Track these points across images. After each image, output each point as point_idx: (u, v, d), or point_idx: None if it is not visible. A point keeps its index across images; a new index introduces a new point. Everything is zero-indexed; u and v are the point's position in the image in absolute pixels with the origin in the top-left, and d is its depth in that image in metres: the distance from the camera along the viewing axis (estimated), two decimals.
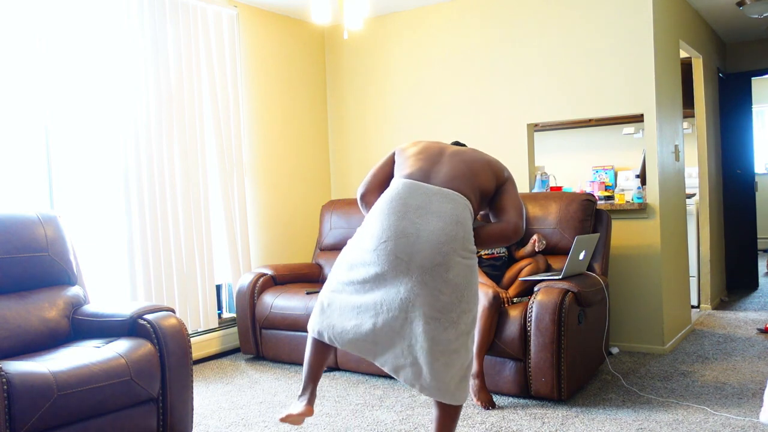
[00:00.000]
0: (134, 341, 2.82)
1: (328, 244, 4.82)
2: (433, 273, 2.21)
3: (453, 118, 4.97)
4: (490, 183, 2.44)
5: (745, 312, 5.41)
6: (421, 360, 2.23)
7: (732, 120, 6.29)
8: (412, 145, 2.54)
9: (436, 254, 2.21)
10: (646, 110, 4.28)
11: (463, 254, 2.26)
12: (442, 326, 2.23)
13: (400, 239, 2.23)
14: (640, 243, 4.30)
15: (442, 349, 2.23)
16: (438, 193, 2.30)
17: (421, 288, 2.21)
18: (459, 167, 2.39)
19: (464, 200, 2.31)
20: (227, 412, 3.39)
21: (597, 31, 4.39)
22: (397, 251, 2.22)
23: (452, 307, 2.24)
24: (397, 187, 2.35)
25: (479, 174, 2.41)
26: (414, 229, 2.23)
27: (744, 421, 3.00)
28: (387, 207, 2.30)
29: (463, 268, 2.26)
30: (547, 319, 3.28)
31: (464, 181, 2.36)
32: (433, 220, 2.25)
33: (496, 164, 2.50)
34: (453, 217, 2.26)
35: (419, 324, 2.22)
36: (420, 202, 2.28)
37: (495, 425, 3.09)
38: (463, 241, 2.26)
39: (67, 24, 3.71)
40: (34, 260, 3.01)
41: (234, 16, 4.68)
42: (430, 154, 2.45)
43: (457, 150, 2.50)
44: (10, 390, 2.31)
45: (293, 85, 5.26)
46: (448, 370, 2.26)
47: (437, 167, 2.40)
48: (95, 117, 3.84)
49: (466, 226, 2.28)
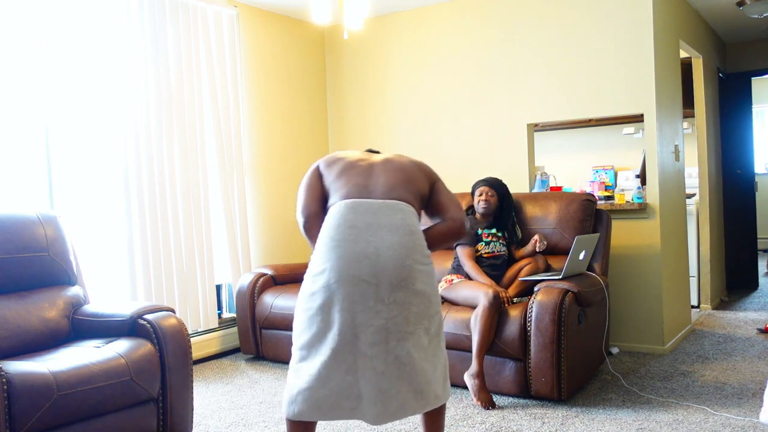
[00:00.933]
0: (134, 341, 2.82)
1: None
2: (402, 288, 2.18)
3: (453, 118, 4.97)
4: (425, 185, 2.42)
5: (745, 312, 5.40)
6: (416, 380, 2.20)
7: (732, 120, 6.29)
8: (333, 161, 2.45)
9: (401, 269, 2.17)
10: (646, 110, 4.28)
11: (422, 261, 2.25)
12: (418, 336, 2.22)
13: (362, 263, 2.16)
14: (640, 243, 4.30)
15: (423, 356, 2.23)
16: (384, 206, 2.24)
17: (395, 308, 2.17)
18: (395, 175, 2.35)
19: (410, 208, 2.29)
20: (227, 412, 3.39)
21: (597, 31, 4.39)
22: (362, 275, 2.15)
23: (423, 316, 2.23)
24: (339, 211, 2.25)
25: (415, 179, 2.39)
26: (372, 249, 2.17)
27: (744, 421, 3.00)
28: (336, 234, 2.21)
29: (425, 275, 2.25)
30: (547, 319, 3.28)
31: (404, 188, 2.33)
32: (387, 235, 2.19)
33: (424, 166, 2.49)
34: (405, 227, 2.22)
35: (402, 346, 2.18)
36: (368, 220, 2.21)
37: (495, 425, 3.09)
38: (420, 250, 2.25)
39: (67, 24, 3.71)
40: (34, 260, 3.01)
41: (234, 16, 4.68)
42: (361, 168, 2.38)
43: (385, 158, 2.45)
44: (10, 390, 2.31)
45: (293, 85, 5.25)
46: (435, 374, 2.27)
47: (373, 179, 2.35)
48: (95, 117, 3.83)
49: (418, 234, 2.27)
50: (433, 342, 2.28)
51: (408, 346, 2.18)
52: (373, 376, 2.16)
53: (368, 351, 2.15)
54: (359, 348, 2.16)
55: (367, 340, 2.15)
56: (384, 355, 2.16)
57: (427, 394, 2.24)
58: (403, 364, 2.18)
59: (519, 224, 4.00)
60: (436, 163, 5.00)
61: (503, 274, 3.79)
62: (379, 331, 2.15)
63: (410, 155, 2.57)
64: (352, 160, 2.43)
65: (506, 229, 3.90)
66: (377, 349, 2.16)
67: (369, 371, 2.16)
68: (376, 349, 2.15)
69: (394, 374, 2.17)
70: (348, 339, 2.16)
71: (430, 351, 2.27)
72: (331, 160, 2.46)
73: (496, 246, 3.82)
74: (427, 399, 2.25)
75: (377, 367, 2.16)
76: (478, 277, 3.66)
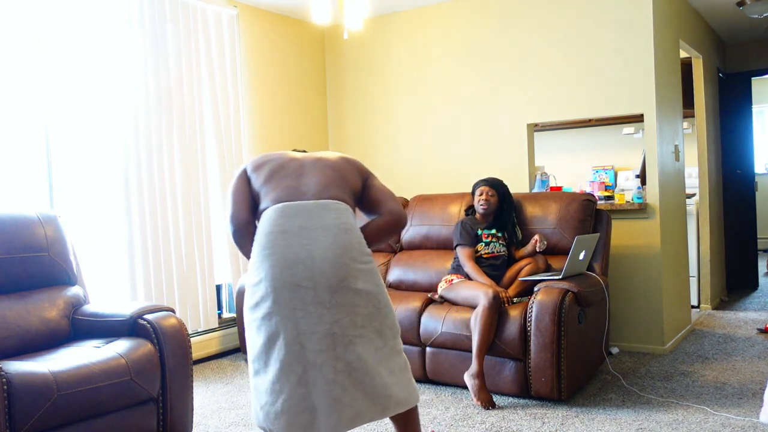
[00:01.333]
0: (134, 341, 2.82)
1: None
2: (342, 290, 2.11)
3: (453, 118, 4.97)
4: (357, 181, 2.36)
5: (745, 312, 5.40)
6: (371, 386, 2.13)
7: (732, 120, 6.29)
8: (261, 164, 2.36)
9: (338, 269, 2.11)
10: (646, 110, 4.28)
11: (361, 260, 2.19)
12: (369, 339, 2.15)
13: (296, 267, 2.10)
14: (640, 243, 4.30)
15: (380, 359, 2.16)
16: (316, 207, 2.18)
17: (338, 311, 2.11)
18: (327, 173, 2.29)
19: (345, 206, 2.23)
20: (227, 412, 3.39)
21: (597, 31, 4.39)
22: (298, 281, 2.09)
23: (372, 318, 2.17)
24: (270, 216, 2.19)
25: (347, 175, 2.33)
26: (306, 253, 2.11)
27: (744, 421, 3.00)
28: (268, 242, 2.15)
29: (367, 274, 2.19)
30: (547, 319, 3.28)
31: (337, 186, 2.27)
32: (321, 236, 2.13)
33: (355, 161, 2.43)
34: (340, 226, 2.16)
35: (352, 350, 2.11)
36: (301, 223, 2.15)
37: (495, 425, 3.09)
38: (358, 248, 2.19)
39: (67, 24, 3.71)
40: (34, 260, 3.01)
41: (234, 16, 4.68)
42: (291, 170, 2.30)
43: (315, 157, 2.38)
44: (10, 390, 2.31)
45: (293, 86, 5.26)
46: (395, 376, 2.20)
47: (305, 180, 2.28)
48: (95, 117, 3.83)
49: (355, 232, 2.20)
50: (388, 344, 2.21)
51: (358, 350, 2.11)
52: (324, 385, 2.09)
53: (316, 359, 2.09)
54: (307, 357, 2.09)
55: (313, 348, 2.09)
56: (333, 362, 2.09)
57: (386, 400, 2.15)
58: (355, 370, 2.11)
59: (519, 224, 4.00)
60: (436, 163, 5.06)
61: (503, 275, 3.79)
62: (325, 336, 2.09)
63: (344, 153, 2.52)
64: (281, 161, 2.34)
65: (506, 230, 3.90)
66: (325, 356, 2.09)
67: (320, 380, 2.09)
68: (323, 356, 2.09)
69: (346, 381, 2.10)
70: (294, 349, 2.10)
71: (384, 353, 2.19)
72: (259, 163, 2.36)
73: (495, 246, 3.82)
74: (386, 404, 2.16)
75: (327, 375, 2.09)
76: (477, 277, 3.66)
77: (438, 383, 3.74)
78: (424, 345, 3.70)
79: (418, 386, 3.72)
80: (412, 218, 4.47)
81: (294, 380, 2.10)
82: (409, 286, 4.27)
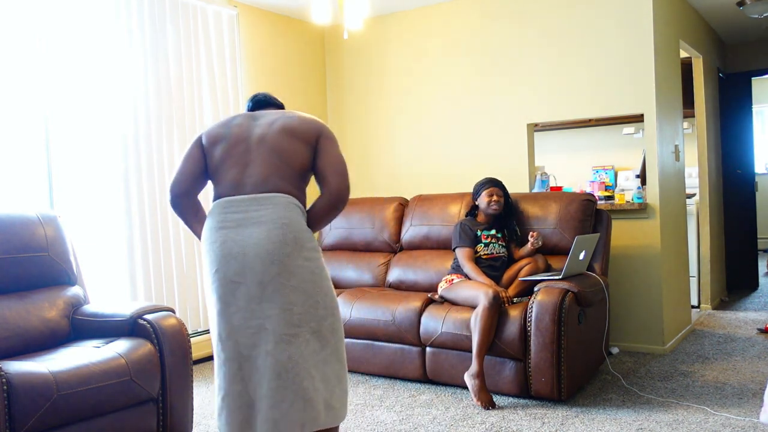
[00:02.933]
0: (134, 341, 2.82)
1: (328, 243, 4.82)
2: (275, 286, 2.06)
3: (452, 118, 4.97)
4: (305, 154, 2.23)
5: (745, 312, 5.40)
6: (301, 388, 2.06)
7: (732, 120, 6.29)
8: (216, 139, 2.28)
9: (270, 265, 2.06)
10: (646, 110, 4.28)
11: (303, 256, 2.11)
12: (304, 340, 2.08)
13: (230, 263, 2.09)
14: (640, 243, 4.30)
15: (314, 363, 2.09)
16: (253, 201, 2.14)
17: (270, 307, 2.07)
18: (269, 161, 2.19)
19: (285, 198, 2.15)
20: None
21: (597, 31, 4.39)
22: (231, 276, 2.08)
23: (309, 318, 2.10)
24: (213, 212, 2.21)
25: (291, 155, 2.20)
26: (239, 248, 2.09)
27: (744, 421, 3.00)
28: (209, 237, 2.16)
29: (306, 272, 2.11)
30: (547, 319, 3.28)
31: (278, 175, 2.18)
32: (254, 230, 2.09)
33: (303, 127, 2.25)
34: (275, 221, 2.10)
35: (283, 349, 2.05)
36: (238, 218, 2.13)
37: (495, 425, 3.09)
38: (296, 243, 2.11)
39: (67, 24, 3.71)
40: (34, 260, 3.01)
41: (234, 16, 4.68)
42: (237, 156, 2.22)
43: (262, 135, 2.23)
44: (10, 390, 2.31)
45: (293, 85, 5.26)
46: (327, 387, 2.12)
47: (248, 170, 2.20)
48: (95, 117, 3.83)
49: (295, 226, 2.12)
50: (326, 349, 2.13)
51: (290, 350, 2.05)
52: (259, 381, 2.07)
53: (250, 353, 2.07)
54: (241, 352, 2.08)
55: (246, 343, 2.08)
56: (264, 358, 2.06)
57: (317, 406, 2.08)
58: (285, 371, 2.05)
59: (518, 224, 4.00)
60: (436, 163, 5.06)
61: (502, 275, 3.79)
62: (257, 332, 2.07)
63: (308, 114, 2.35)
64: (231, 142, 2.25)
65: (508, 228, 3.90)
66: (257, 351, 2.07)
67: (254, 376, 2.07)
68: (255, 352, 2.07)
69: (275, 381, 2.05)
70: (229, 345, 2.09)
71: (321, 358, 2.11)
72: (213, 138, 2.29)
73: (495, 248, 3.82)
74: (317, 411, 2.08)
75: (259, 369, 2.07)
76: (477, 277, 3.66)
77: (438, 383, 3.74)
78: (424, 345, 3.70)
79: (418, 386, 3.72)
80: (412, 218, 4.47)
81: (230, 377, 2.10)
82: (409, 286, 4.27)
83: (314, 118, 2.33)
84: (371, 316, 3.85)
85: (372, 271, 4.48)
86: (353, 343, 3.97)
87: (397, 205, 4.62)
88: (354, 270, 4.55)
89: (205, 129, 2.38)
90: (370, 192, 5.29)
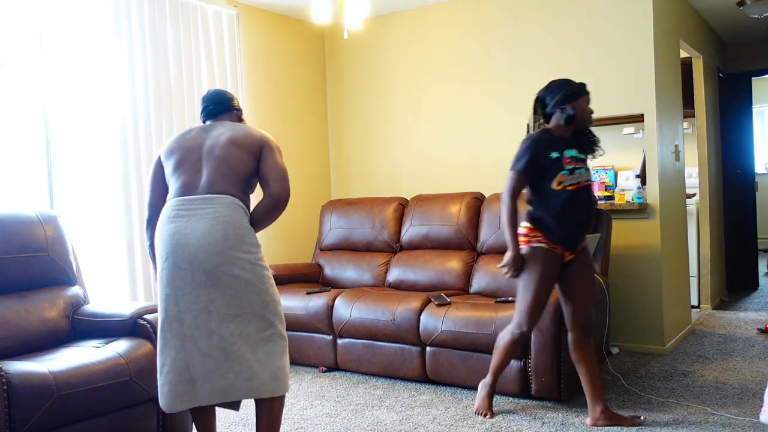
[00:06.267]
0: (134, 341, 2.82)
1: (328, 243, 4.82)
2: (218, 274, 2.32)
3: (453, 118, 4.97)
4: (248, 163, 2.48)
5: (745, 312, 5.40)
6: (245, 359, 2.32)
7: (732, 120, 6.29)
8: (170, 152, 2.55)
9: (212, 256, 2.32)
10: (646, 110, 4.28)
11: (243, 249, 2.37)
12: (247, 320, 2.34)
13: (178, 252, 2.34)
14: (640, 243, 4.30)
15: (255, 340, 2.34)
16: (200, 200, 2.39)
17: (213, 291, 2.31)
18: (216, 168, 2.45)
19: (227, 199, 2.41)
20: (227, 413, 3.39)
21: (597, 31, 4.39)
22: (179, 263, 2.33)
23: (251, 302, 2.35)
24: (166, 208, 2.45)
25: (236, 163, 2.46)
26: (185, 240, 2.34)
27: (744, 421, 3.00)
28: (162, 228, 2.41)
29: (247, 263, 2.36)
30: (548, 319, 3.27)
31: (224, 180, 2.43)
32: (198, 224, 2.35)
33: (248, 139, 2.50)
34: (217, 218, 2.35)
35: (226, 326, 2.31)
36: (186, 214, 2.38)
37: (495, 425, 3.09)
38: (237, 237, 2.36)
39: (67, 24, 3.71)
40: (34, 260, 3.01)
41: (234, 16, 4.68)
42: (190, 164, 2.48)
43: (211, 146, 2.50)
44: (10, 390, 2.31)
45: (293, 85, 5.26)
46: (272, 359, 2.36)
47: (198, 176, 2.45)
48: (95, 117, 3.83)
49: (235, 223, 2.38)
50: (270, 329, 2.38)
51: (232, 327, 2.32)
52: (200, 357, 2.32)
53: (193, 333, 2.32)
54: (185, 332, 2.33)
55: (191, 324, 2.32)
56: (207, 337, 2.32)
57: (262, 375, 2.33)
58: (230, 344, 2.31)
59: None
60: (436, 163, 5.06)
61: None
62: (201, 313, 2.32)
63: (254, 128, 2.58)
64: (183, 153, 2.51)
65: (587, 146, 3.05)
66: (200, 331, 2.32)
67: (196, 354, 2.32)
68: (199, 331, 2.32)
69: (220, 355, 2.31)
70: (174, 325, 2.34)
71: (264, 336, 2.36)
72: (169, 150, 2.55)
73: (582, 174, 2.86)
74: (262, 380, 2.33)
75: (202, 348, 2.32)
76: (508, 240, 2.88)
77: (438, 383, 3.74)
78: (424, 344, 3.70)
79: (418, 386, 3.72)
80: (412, 218, 4.47)
81: (173, 353, 2.33)
82: (409, 286, 4.27)
83: (260, 132, 2.58)
84: (371, 316, 3.85)
85: (372, 270, 4.48)
86: (353, 343, 3.97)
87: (397, 205, 4.62)
88: (354, 270, 4.55)
89: (163, 146, 2.64)
90: (370, 192, 5.29)
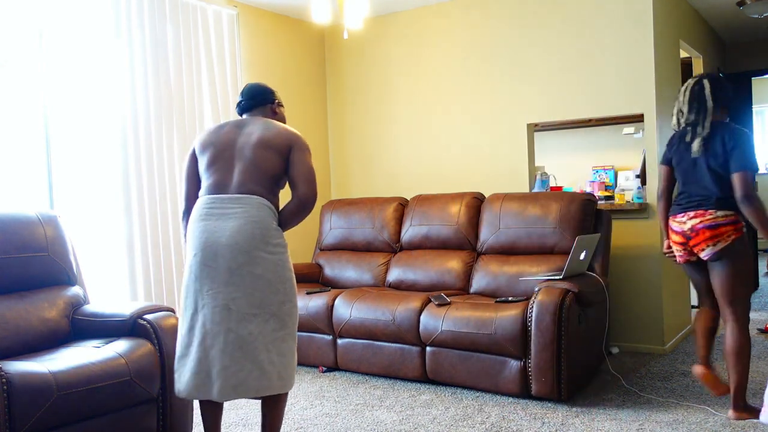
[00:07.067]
0: (134, 341, 2.82)
1: (328, 243, 4.82)
2: (241, 273, 2.40)
3: (453, 118, 4.97)
4: (277, 164, 2.55)
5: None
6: (258, 360, 2.39)
7: (732, 120, 6.26)
8: (205, 146, 2.61)
9: (238, 254, 2.40)
10: (646, 110, 4.28)
11: (268, 250, 2.45)
12: (264, 319, 2.42)
13: (207, 250, 2.43)
14: (640, 243, 4.30)
15: (270, 340, 2.42)
16: (230, 200, 2.48)
17: (235, 289, 2.39)
18: (246, 168, 2.52)
19: (257, 199, 2.49)
20: (227, 413, 3.39)
21: (597, 31, 4.39)
22: (206, 261, 2.42)
23: (269, 301, 2.43)
24: (198, 206, 2.54)
25: (264, 165, 2.53)
26: (214, 237, 2.43)
27: (744, 422, 3.00)
28: (192, 226, 2.50)
29: (270, 263, 2.44)
30: (548, 319, 3.28)
31: (253, 181, 2.51)
32: (228, 224, 2.43)
33: (277, 139, 2.57)
34: (246, 218, 2.44)
35: (245, 326, 2.39)
36: (216, 213, 2.47)
37: (495, 425, 3.09)
38: (263, 238, 2.44)
39: (67, 24, 3.71)
40: (34, 260, 3.01)
41: (234, 16, 4.68)
42: (223, 161, 2.55)
43: (242, 145, 2.57)
44: (10, 390, 2.31)
45: (293, 85, 5.25)
46: (281, 360, 2.44)
47: (230, 175, 2.54)
48: (95, 117, 3.83)
49: (263, 224, 2.46)
50: (284, 329, 2.46)
51: (251, 327, 2.40)
52: (217, 353, 2.39)
53: (213, 329, 2.40)
54: (206, 326, 2.41)
55: (212, 319, 2.40)
56: (225, 334, 2.39)
57: (271, 375, 2.41)
58: (246, 343, 2.39)
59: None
60: (436, 163, 5.06)
61: None
62: (222, 310, 2.39)
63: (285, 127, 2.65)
64: (220, 148, 2.58)
65: None
66: (220, 327, 2.39)
67: (214, 348, 2.39)
68: (219, 327, 2.39)
69: (237, 353, 2.38)
70: (197, 318, 2.43)
71: (279, 336, 2.44)
72: (204, 144, 2.62)
73: None
74: (271, 380, 2.41)
75: (219, 344, 2.39)
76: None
77: (438, 383, 3.74)
78: (424, 344, 3.70)
79: (418, 386, 3.73)
80: (412, 218, 4.47)
81: (195, 345, 2.42)
82: (409, 286, 4.27)
83: (290, 131, 2.63)
84: (371, 316, 3.85)
85: (372, 270, 4.48)
86: (353, 343, 3.97)
87: (397, 205, 4.62)
88: (354, 270, 4.55)
89: (198, 139, 2.70)
90: (370, 192, 5.29)
